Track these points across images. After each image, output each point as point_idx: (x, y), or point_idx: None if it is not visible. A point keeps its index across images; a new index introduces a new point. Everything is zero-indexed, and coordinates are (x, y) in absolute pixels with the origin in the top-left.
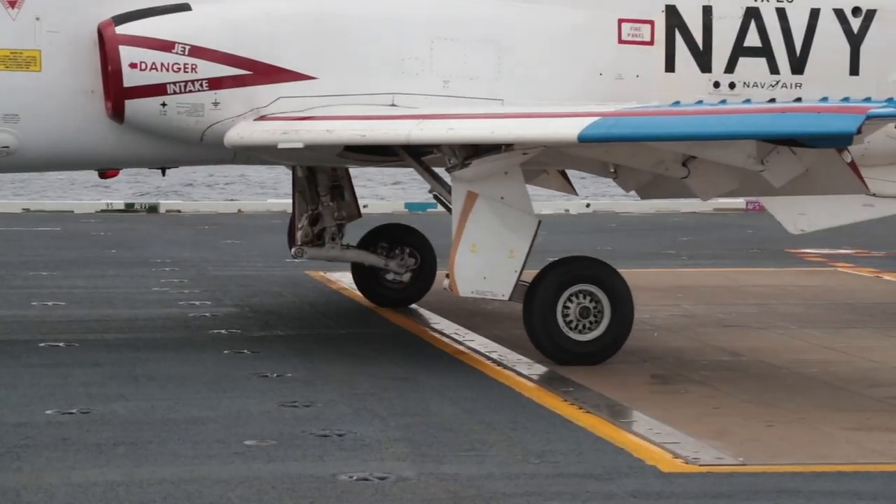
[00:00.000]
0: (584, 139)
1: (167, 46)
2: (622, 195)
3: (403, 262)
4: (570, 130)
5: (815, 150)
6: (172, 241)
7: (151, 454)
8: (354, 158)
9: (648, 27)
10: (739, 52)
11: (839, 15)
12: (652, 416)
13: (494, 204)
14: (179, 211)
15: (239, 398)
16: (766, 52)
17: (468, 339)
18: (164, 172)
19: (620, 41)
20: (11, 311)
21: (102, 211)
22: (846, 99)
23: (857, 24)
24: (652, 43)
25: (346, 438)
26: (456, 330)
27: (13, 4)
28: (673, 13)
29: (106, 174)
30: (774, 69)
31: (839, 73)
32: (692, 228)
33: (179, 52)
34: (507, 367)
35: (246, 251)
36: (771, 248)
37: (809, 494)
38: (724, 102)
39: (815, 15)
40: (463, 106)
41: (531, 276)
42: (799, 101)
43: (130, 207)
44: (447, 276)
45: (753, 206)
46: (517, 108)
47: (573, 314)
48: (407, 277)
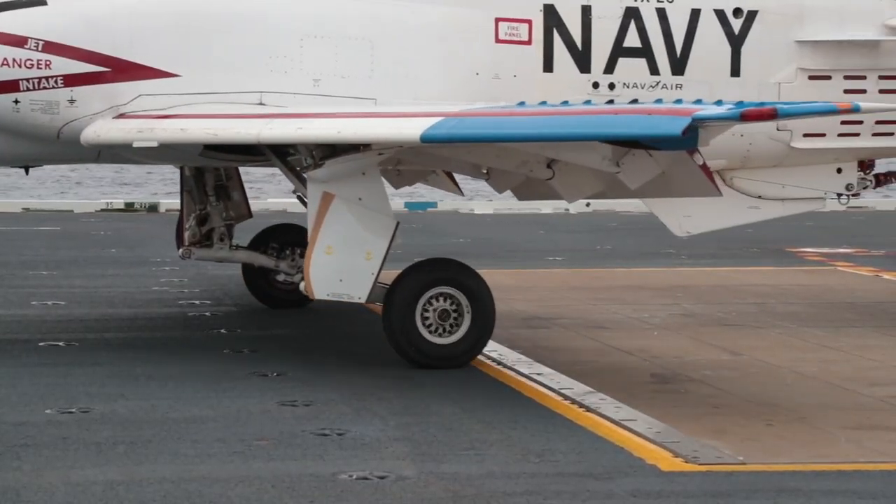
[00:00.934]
0: (426, 139)
1: (20, 42)
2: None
3: (294, 262)
4: (413, 131)
5: (670, 152)
6: (172, 240)
7: (151, 453)
8: (218, 158)
9: (526, 26)
10: (619, 52)
11: (720, 16)
12: (652, 415)
13: (351, 205)
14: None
15: (238, 397)
16: (646, 52)
17: None
18: (27, 171)
19: (497, 40)
20: (11, 310)
21: (102, 210)
22: (679, 101)
23: (738, 25)
24: (530, 42)
25: (345, 437)
26: None
27: None
28: (551, 13)
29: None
30: (655, 70)
31: (720, 74)
32: None
33: (33, 47)
34: (506, 366)
35: None
36: (770, 247)
37: (809, 493)
38: (588, 103)
39: (695, 16)
40: (333, 105)
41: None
42: (635, 102)
43: (130, 207)
44: (303, 278)
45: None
46: (382, 107)
47: (433, 317)
48: (298, 278)
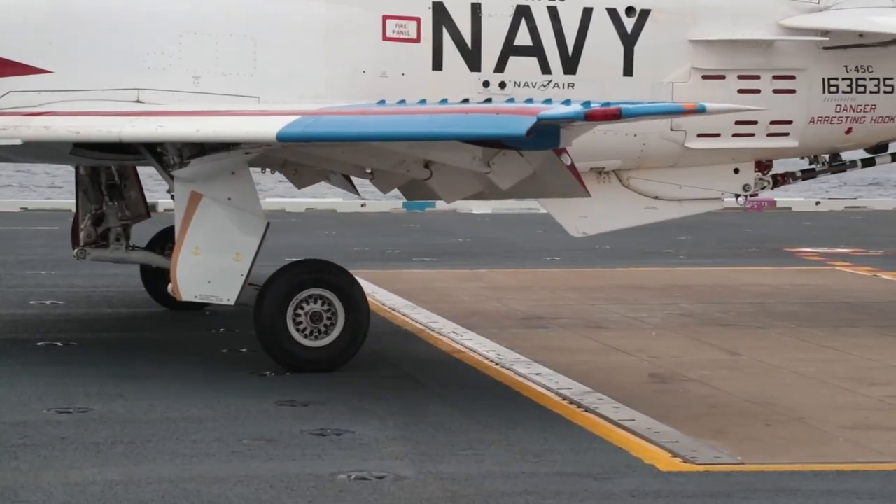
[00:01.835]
0: (282, 138)
1: None
2: None
3: None
4: (270, 129)
5: (538, 152)
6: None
7: (150, 453)
8: (92, 157)
9: (415, 24)
10: (510, 51)
11: (612, 15)
12: (650, 415)
13: (220, 205)
14: None
15: (237, 397)
16: (537, 51)
17: (466, 338)
18: None
19: (385, 38)
20: (10, 310)
21: None
22: (529, 100)
23: (630, 24)
24: (418, 40)
25: (344, 437)
26: (454, 329)
27: None
28: (440, 10)
29: None
30: (546, 69)
31: (613, 73)
32: (690, 227)
33: None
34: (505, 366)
35: None
36: (769, 247)
37: (808, 493)
38: (465, 101)
39: (587, 14)
40: (213, 103)
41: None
42: (489, 101)
43: None
44: (170, 280)
45: (752, 205)
46: (246, 105)
47: (305, 319)
48: None
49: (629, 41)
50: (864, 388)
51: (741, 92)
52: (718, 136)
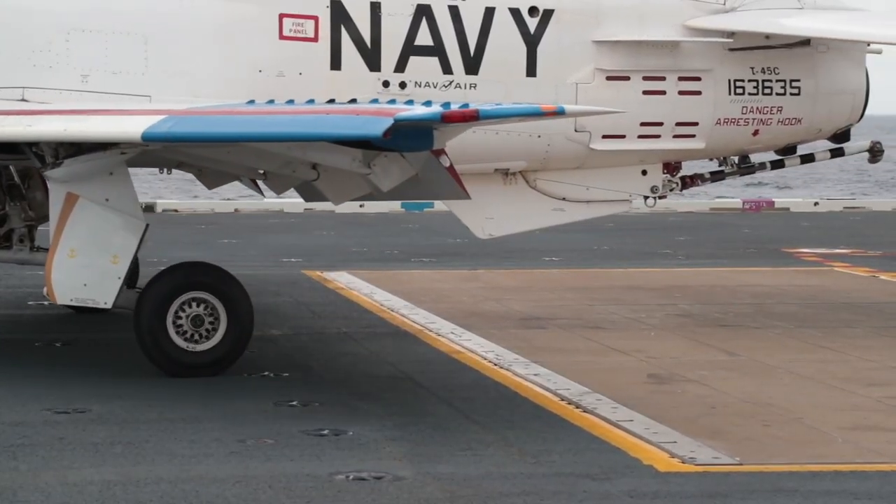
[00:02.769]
0: (147, 138)
1: None
2: None
3: None
4: (136, 129)
5: (421, 153)
6: (169, 240)
7: (148, 453)
8: None
9: (312, 23)
10: (410, 51)
11: (515, 15)
12: (648, 415)
13: (97, 206)
14: (176, 210)
15: (236, 397)
16: (438, 51)
17: (465, 338)
18: None
19: (282, 37)
20: (8, 310)
21: None
22: (393, 101)
23: (533, 24)
24: (316, 40)
25: (342, 438)
26: (452, 329)
27: None
28: (338, 9)
29: None
30: (447, 69)
31: (516, 74)
32: (689, 228)
33: None
34: (503, 366)
35: (243, 250)
36: (768, 247)
37: (806, 494)
38: (335, 102)
39: (489, 14)
40: (102, 102)
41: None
42: (354, 101)
43: None
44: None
45: (751, 206)
46: (119, 104)
47: (186, 323)
48: None
49: (532, 42)
50: (862, 388)
51: (646, 93)
52: (623, 137)
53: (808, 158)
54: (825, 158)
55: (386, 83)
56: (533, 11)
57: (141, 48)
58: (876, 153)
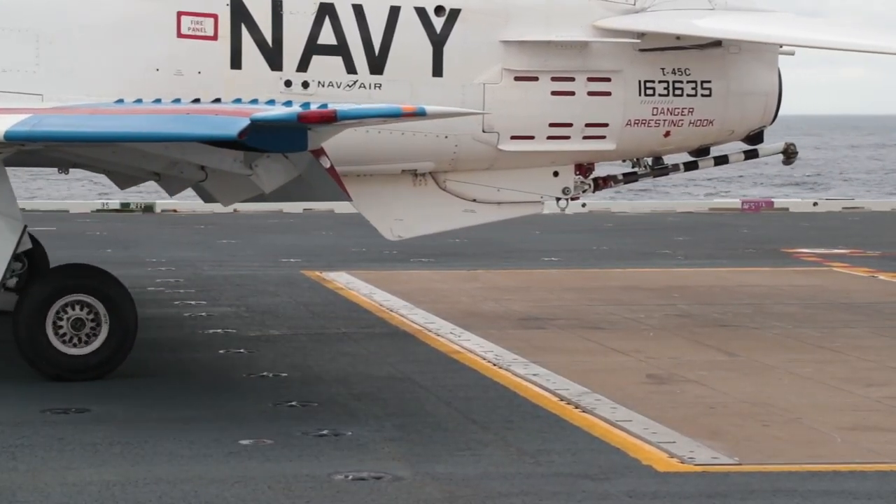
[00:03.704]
0: (10, 137)
1: None
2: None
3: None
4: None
5: (304, 154)
6: (168, 240)
7: (147, 454)
8: None
9: (212, 21)
10: (313, 50)
11: (421, 14)
12: (647, 415)
13: None
14: (175, 210)
15: (235, 398)
16: (342, 50)
17: (464, 338)
18: None
19: (180, 35)
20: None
21: (98, 210)
22: (255, 101)
23: (440, 23)
24: (215, 38)
25: (341, 438)
26: (451, 330)
27: None
28: (239, 8)
29: None
30: (351, 69)
31: (421, 74)
32: (688, 228)
33: None
34: (502, 367)
35: (242, 251)
36: (767, 247)
37: (805, 494)
38: (225, 101)
39: (394, 13)
40: None
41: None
42: (213, 101)
43: (126, 207)
44: None
45: (750, 206)
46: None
47: (66, 326)
48: (13, 283)
49: (438, 41)
50: (861, 388)
51: (555, 94)
52: (532, 138)
53: (721, 160)
54: (739, 160)
55: (288, 83)
56: (439, 11)
57: (32, 46)
58: (790, 155)
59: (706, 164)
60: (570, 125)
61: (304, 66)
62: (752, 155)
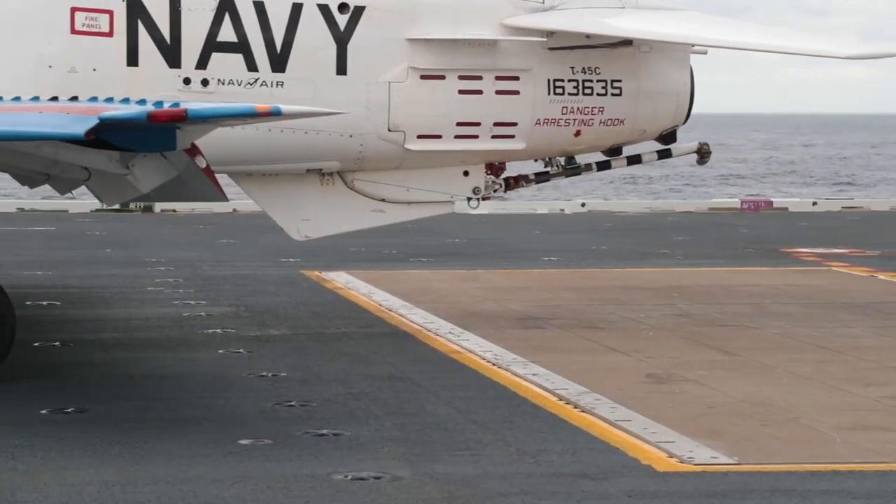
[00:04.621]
0: None
1: None
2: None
3: None
4: None
5: (180, 154)
6: (168, 240)
7: (147, 454)
8: None
9: (107, 17)
10: (212, 47)
11: (324, 11)
12: (647, 415)
13: None
14: (175, 210)
15: (234, 398)
16: (242, 47)
17: (463, 338)
18: None
19: (74, 31)
20: None
21: (97, 210)
22: (110, 99)
23: (343, 21)
24: (111, 34)
25: (341, 438)
26: (451, 329)
27: None
28: (135, 4)
29: None
30: (252, 66)
31: (325, 72)
32: (687, 228)
33: None
34: (501, 366)
35: (241, 251)
36: (766, 247)
37: (804, 493)
38: (73, 99)
39: (297, 10)
40: None
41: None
42: (70, 99)
43: (125, 207)
44: None
45: (749, 205)
46: None
47: None
48: None
49: (342, 39)
50: (860, 388)
51: (462, 93)
52: (440, 137)
53: (634, 160)
54: (652, 160)
55: (187, 80)
56: (343, 8)
57: None
58: (704, 154)
59: (619, 163)
60: (478, 124)
61: (203, 63)
62: (665, 155)
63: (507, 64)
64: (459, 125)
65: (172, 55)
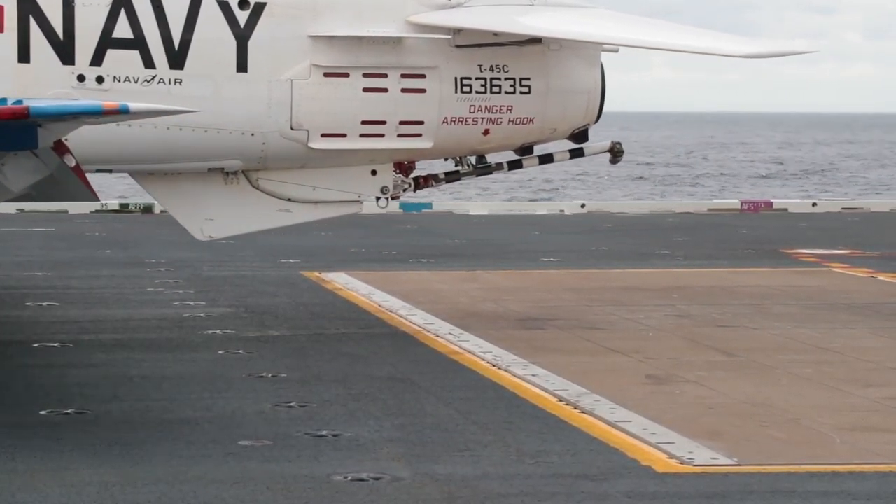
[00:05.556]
0: None
1: None
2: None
3: None
4: None
5: (49, 153)
6: (167, 241)
7: (146, 454)
8: None
9: None
10: (108, 43)
11: (224, 7)
12: (647, 416)
13: None
14: None
15: (234, 399)
16: (139, 44)
17: (463, 339)
18: None
19: None
20: (6, 311)
21: (97, 211)
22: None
23: (244, 17)
24: (1, 30)
25: (340, 439)
26: (450, 330)
27: None
28: None
29: None
30: (150, 63)
31: (225, 69)
32: (687, 229)
33: None
34: (501, 367)
35: (241, 251)
36: (766, 248)
37: (804, 494)
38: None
39: (195, 7)
40: None
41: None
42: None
43: (125, 207)
44: None
45: (749, 206)
46: None
47: None
48: None
49: (242, 36)
50: (860, 389)
51: (367, 91)
52: (345, 136)
53: (546, 159)
54: (564, 159)
55: (81, 77)
56: (243, 4)
57: None
58: (616, 153)
59: (530, 162)
60: (383, 123)
61: (98, 60)
62: (577, 154)
63: (412, 62)
64: (364, 124)
65: (66, 52)
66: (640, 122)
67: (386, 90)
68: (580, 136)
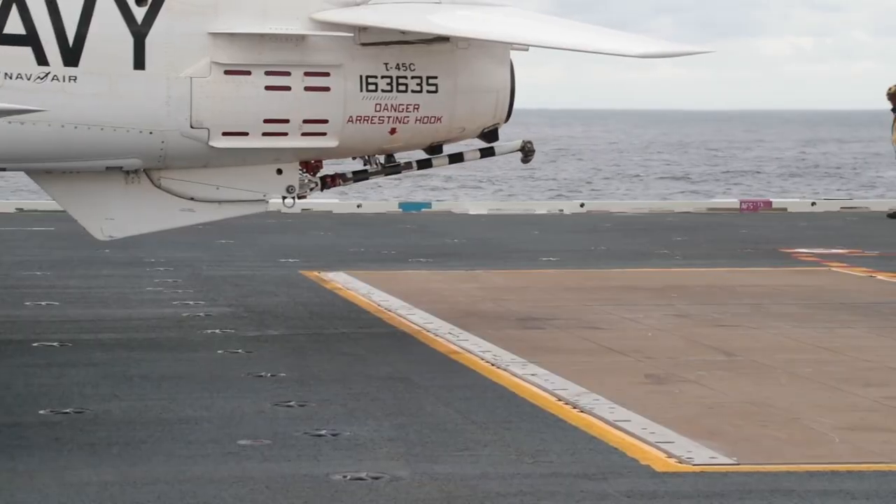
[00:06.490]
0: None
1: None
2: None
3: None
4: None
5: None
6: (166, 240)
7: (145, 454)
8: None
9: None
10: None
11: (120, 3)
12: (646, 415)
13: None
14: None
15: (233, 398)
16: (31, 40)
17: (462, 338)
18: None
19: None
20: (5, 310)
21: None
22: None
23: (141, 13)
24: None
25: (340, 438)
26: (450, 330)
27: None
28: None
29: None
30: (43, 60)
31: (122, 66)
32: (686, 228)
33: None
34: (501, 367)
35: (240, 251)
36: (765, 247)
37: (803, 494)
38: None
39: (90, 2)
40: None
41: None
42: None
43: None
44: None
45: (748, 206)
46: None
47: None
48: None
49: (140, 32)
50: (859, 389)
51: (269, 89)
52: (247, 134)
53: (456, 158)
54: (475, 158)
55: None
56: (141, 1)
57: None
58: (528, 153)
59: (440, 161)
60: (286, 121)
61: None
62: (488, 153)
63: (316, 59)
64: (267, 122)
65: None
66: (648, 120)
67: (289, 88)
68: (490, 135)
